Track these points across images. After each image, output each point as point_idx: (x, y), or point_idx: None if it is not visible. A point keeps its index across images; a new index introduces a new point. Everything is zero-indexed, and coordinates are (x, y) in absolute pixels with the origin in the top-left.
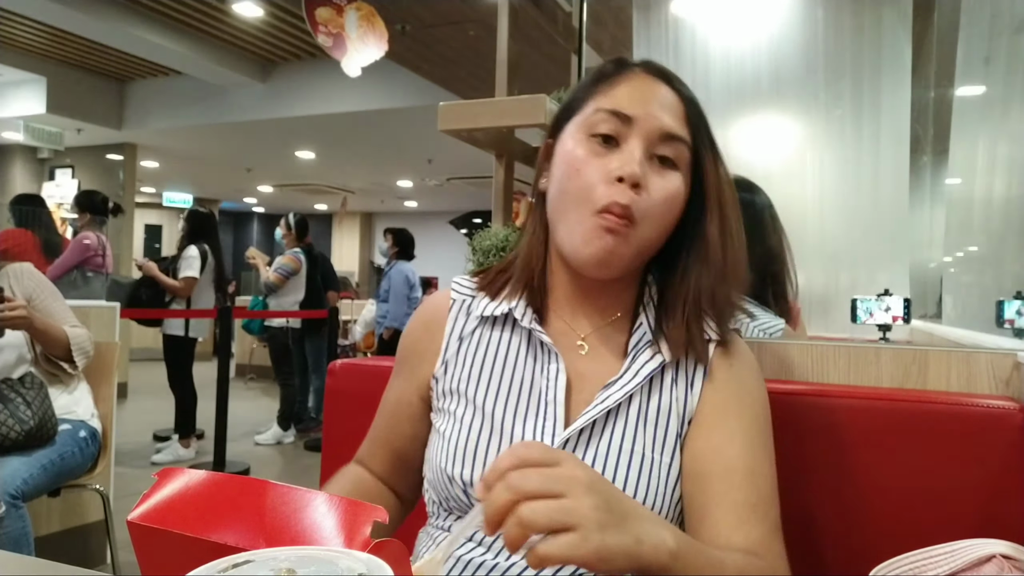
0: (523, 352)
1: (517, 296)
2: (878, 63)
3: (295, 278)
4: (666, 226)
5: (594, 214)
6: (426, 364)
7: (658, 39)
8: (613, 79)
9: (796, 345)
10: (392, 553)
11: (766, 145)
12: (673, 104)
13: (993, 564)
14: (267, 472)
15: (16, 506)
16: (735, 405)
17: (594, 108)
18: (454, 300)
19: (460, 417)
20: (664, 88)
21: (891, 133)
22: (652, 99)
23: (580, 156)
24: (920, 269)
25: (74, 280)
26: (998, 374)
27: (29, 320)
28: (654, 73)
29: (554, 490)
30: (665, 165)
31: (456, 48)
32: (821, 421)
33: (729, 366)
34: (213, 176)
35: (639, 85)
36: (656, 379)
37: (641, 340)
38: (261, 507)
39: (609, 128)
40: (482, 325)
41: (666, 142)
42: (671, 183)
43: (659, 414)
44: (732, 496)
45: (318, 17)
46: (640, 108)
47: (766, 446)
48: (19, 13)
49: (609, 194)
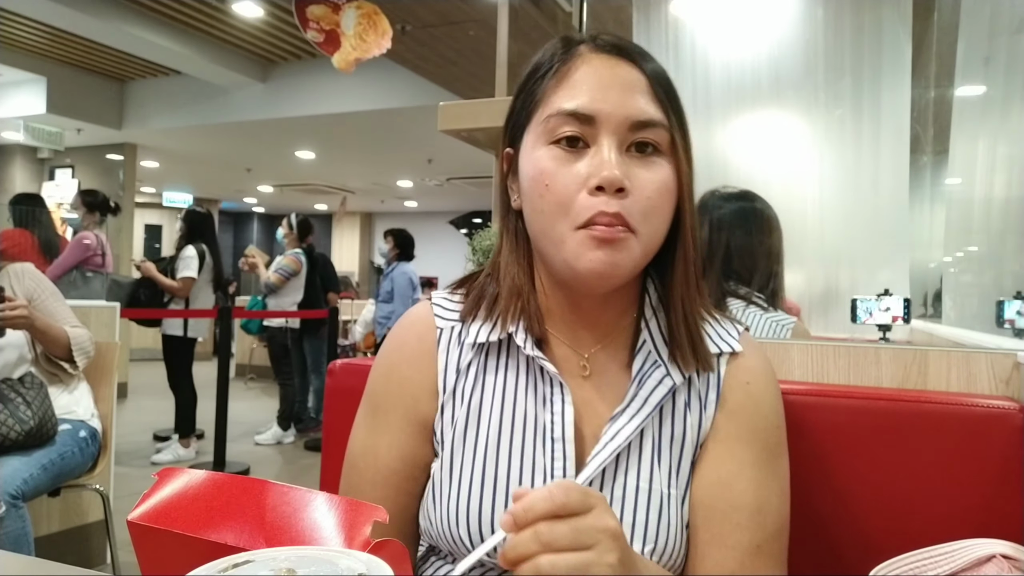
0: (523, 382)
1: (512, 319)
2: (878, 63)
3: (295, 279)
4: (667, 220)
5: (577, 229)
6: (425, 407)
7: (658, 39)
8: (562, 69)
9: (796, 345)
10: (392, 553)
11: (766, 145)
12: (637, 82)
13: (993, 564)
14: (267, 472)
15: (16, 506)
16: (747, 433)
17: (548, 111)
18: (441, 329)
19: (461, 469)
20: (624, 66)
21: (891, 133)
22: (612, 84)
23: (546, 169)
24: (920, 269)
25: (74, 280)
26: (998, 374)
27: (30, 320)
28: (608, 50)
29: (583, 544)
30: (646, 153)
31: (456, 48)
32: (821, 421)
33: (745, 384)
34: (213, 176)
35: (594, 70)
36: (668, 405)
37: (647, 361)
38: (261, 507)
39: (572, 130)
40: (477, 355)
41: (640, 130)
42: (660, 172)
43: (673, 444)
44: (736, 537)
45: (310, 14)
46: (601, 101)
47: (777, 475)
48: (19, 13)
49: (591, 205)
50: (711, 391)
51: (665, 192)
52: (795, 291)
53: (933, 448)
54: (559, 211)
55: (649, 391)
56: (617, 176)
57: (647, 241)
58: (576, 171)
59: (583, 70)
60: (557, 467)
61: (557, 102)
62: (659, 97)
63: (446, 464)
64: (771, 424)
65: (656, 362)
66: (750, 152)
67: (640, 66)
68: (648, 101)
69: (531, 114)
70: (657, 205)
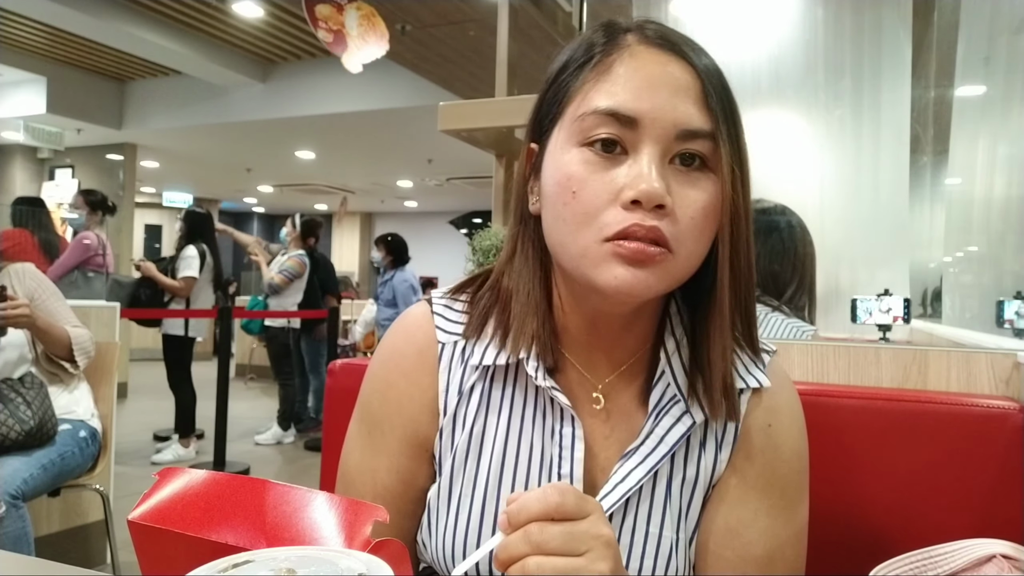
0: (531, 412)
1: (523, 342)
2: (878, 63)
3: (299, 281)
4: (708, 243)
5: (604, 241)
6: (423, 427)
7: None
8: (604, 60)
9: (796, 345)
10: (392, 553)
11: (766, 145)
12: (690, 84)
13: (993, 564)
14: (267, 472)
15: (16, 506)
16: (765, 479)
17: (585, 108)
18: (443, 343)
19: (460, 499)
20: (676, 62)
21: (891, 133)
22: (661, 84)
23: (575, 174)
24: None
25: (75, 280)
26: (998, 374)
27: (32, 319)
28: (659, 43)
29: (575, 549)
30: (692, 167)
31: (456, 48)
32: (821, 421)
33: (767, 426)
34: (213, 176)
35: (641, 65)
36: (682, 445)
37: (665, 395)
38: (261, 507)
39: (609, 132)
40: (482, 378)
41: (688, 140)
42: (706, 190)
43: (684, 486)
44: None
45: (318, 13)
46: (647, 100)
47: (794, 525)
48: (19, 13)
49: (624, 218)
50: (728, 431)
51: (711, 214)
52: None
53: (933, 448)
54: (584, 222)
55: (666, 429)
56: (657, 190)
57: (683, 266)
58: (610, 180)
59: (629, 64)
60: None
61: (595, 98)
62: (713, 102)
63: (444, 490)
64: (792, 470)
65: (675, 397)
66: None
67: (694, 64)
68: (701, 107)
69: (563, 108)
70: (701, 227)
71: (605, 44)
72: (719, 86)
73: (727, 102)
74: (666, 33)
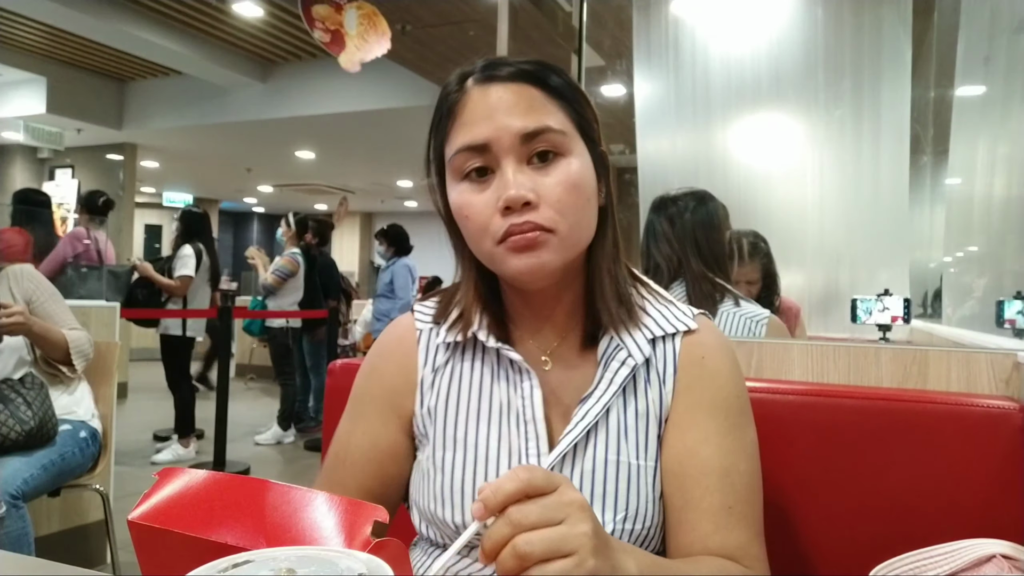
0: (495, 375)
1: (477, 320)
2: (878, 63)
3: (293, 279)
4: (586, 211)
5: (498, 244)
6: (404, 399)
7: (658, 39)
8: (455, 108)
9: (796, 345)
10: (392, 553)
11: (766, 145)
12: (516, 97)
13: (993, 564)
14: (267, 472)
15: (16, 506)
16: (707, 404)
17: (452, 150)
18: (420, 330)
19: (443, 455)
20: (501, 87)
21: (891, 133)
22: (496, 108)
23: (463, 203)
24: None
25: (71, 278)
26: (998, 374)
27: (27, 325)
28: (485, 79)
29: (553, 519)
30: (548, 160)
31: (456, 48)
32: (821, 421)
33: (701, 359)
34: (213, 176)
35: (478, 101)
36: (630, 385)
37: (609, 346)
38: (261, 507)
39: (476, 163)
40: (452, 354)
41: (532, 140)
42: (564, 171)
43: (638, 419)
44: (708, 500)
45: (315, 14)
46: (488, 126)
47: (743, 442)
48: (19, 13)
49: (504, 223)
50: (668, 367)
51: (574, 188)
52: (795, 291)
53: (933, 448)
54: (481, 235)
55: (614, 372)
56: (519, 194)
57: (569, 235)
58: (487, 198)
59: (470, 105)
60: (530, 447)
61: (456, 140)
62: (548, 101)
63: (429, 453)
64: (730, 394)
65: (618, 345)
66: (750, 152)
67: (516, 79)
68: (532, 110)
69: (442, 153)
70: (569, 204)
71: (454, 94)
72: (547, 78)
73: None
74: (492, 66)
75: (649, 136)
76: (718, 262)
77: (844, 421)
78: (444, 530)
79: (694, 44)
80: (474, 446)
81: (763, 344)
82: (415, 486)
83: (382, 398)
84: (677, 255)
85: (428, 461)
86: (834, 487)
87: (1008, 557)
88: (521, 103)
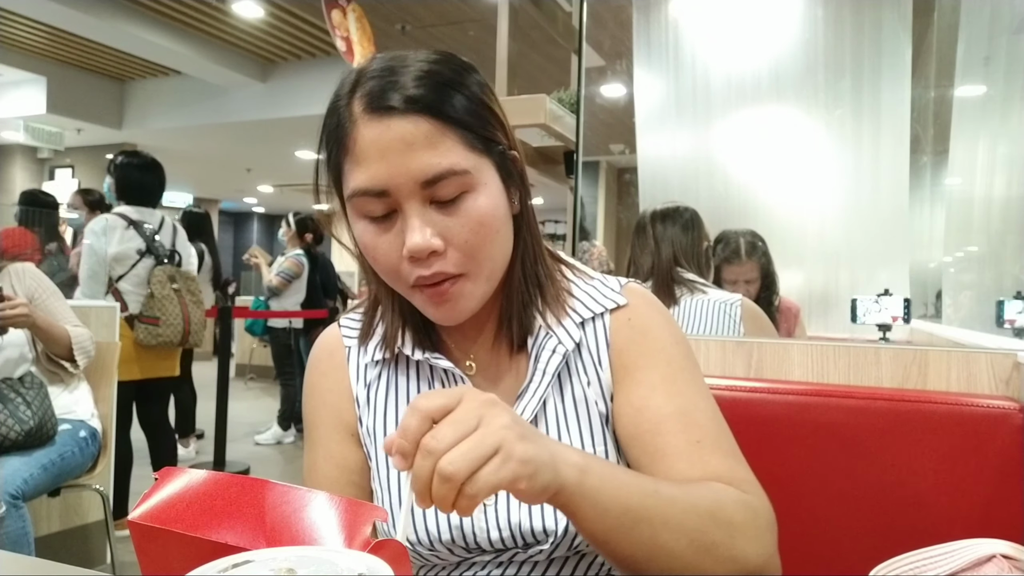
0: (425, 385)
1: (401, 336)
2: (878, 63)
3: (297, 281)
4: (498, 242)
5: (411, 288)
6: (348, 414)
7: (658, 39)
8: (346, 141)
9: (796, 345)
10: (392, 553)
11: (766, 145)
12: (411, 134)
13: (993, 564)
14: (267, 472)
15: (16, 506)
16: (644, 359)
17: (349, 191)
18: (349, 347)
19: (387, 474)
20: (390, 122)
21: (891, 133)
22: (387, 151)
23: (368, 243)
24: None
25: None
26: (998, 374)
27: (31, 319)
28: (374, 109)
29: (468, 430)
30: (453, 201)
31: (456, 48)
32: (821, 421)
33: (627, 322)
34: (213, 176)
35: (369, 139)
36: (564, 373)
37: (539, 337)
38: (261, 507)
39: (375, 208)
40: (384, 368)
41: (433, 185)
42: (469, 212)
43: (576, 405)
44: (672, 443)
45: (333, 20)
46: (383, 171)
47: (693, 383)
48: (19, 13)
49: (411, 270)
50: (601, 345)
51: (482, 228)
52: (795, 291)
53: (933, 448)
54: (392, 277)
55: (545, 363)
56: (420, 245)
57: (483, 272)
58: (391, 242)
59: (361, 142)
60: None
61: (351, 180)
62: (443, 134)
63: (375, 473)
64: (666, 343)
65: (547, 334)
66: (750, 152)
67: (410, 111)
68: (431, 150)
69: (340, 185)
70: (479, 243)
71: (344, 121)
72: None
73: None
74: (381, 94)
75: (649, 136)
76: (688, 259)
77: (844, 421)
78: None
79: (694, 44)
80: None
81: (763, 344)
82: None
83: (330, 417)
84: (652, 259)
85: (375, 481)
86: (834, 487)
87: (1008, 557)
88: (417, 142)
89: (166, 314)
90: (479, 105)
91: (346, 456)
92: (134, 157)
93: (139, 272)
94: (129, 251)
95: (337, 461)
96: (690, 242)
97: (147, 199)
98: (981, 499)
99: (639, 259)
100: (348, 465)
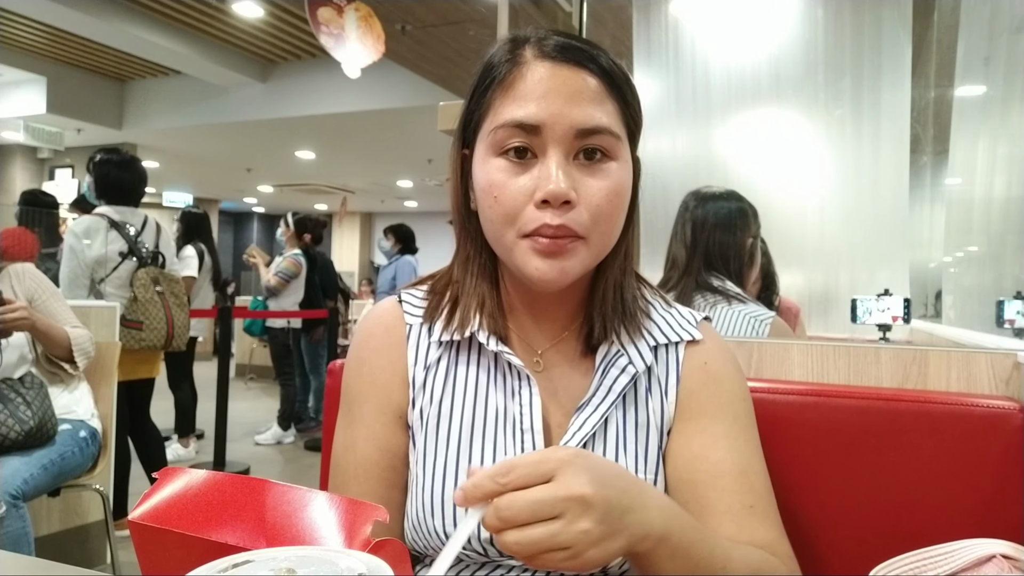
0: (491, 376)
1: (475, 317)
2: (878, 63)
3: (295, 281)
4: (619, 223)
5: (522, 237)
6: (399, 395)
7: (658, 39)
8: (508, 77)
9: (796, 345)
10: (392, 553)
11: (766, 145)
12: (584, 87)
13: (993, 564)
14: (267, 472)
15: (16, 506)
16: (713, 407)
17: (496, 123)
18: (410, 324)
19: (433, 461)
20: (569, 70)
21: (891, 133)
22: (558, 92)
23: (495, 180)
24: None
25: None
26: (998, 374)
27: (31, 321)
28: (553, 56)
29: (543, 516)
30: (595, 159)
31: (456, 48)
32: (821, 421)
33: (703, 365)
34: (213, 176)
35: (539, 78)
36: (630, 393)
37: (609, 352)
38: (261, 507)
39: (519, 142)
40: (446, 351)
41: (585, 137)
42: (609, 178)
43: (638, 431)
44: (726, 502)
45: (320, 17)
46: (546, 109)
47: (752, 443)
48: (19, 13)
49: (537, 217)
50: (671, 376)
51: (615, 197)
52: (795, 291)
53: (933, 448)
54: (507, 221)
55: (612, 380)
56: (562, 190)
57: (598, 245)
58: (523, 183)
59: (528, 78)
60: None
61: (504, 113)
62: (608, 98)
63: (420, 458)
64: (736, 397)
65: (619, 352)
66: (750, 152)
67: (588, 67)
68: (596, 106)
69: (482, 122)
70: (607, 212)
71: (509, 61)
72: (616, 80)
73: (625, 94)
74: (562, 44)
75: (649, 136)
76: (726, 264)
77: (844, 421)
78: (430, 541)
79: (694, 44)
80: (467, 454)
81: (763, 344)
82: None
83: (377, 397)
84: (688, 254)
85: (418, 466)
86: (834, 487)
87: (1008, 557)
88: (584, 93)
89: (149, 318)
90: (639, 106)
91: (389, 439)
92: (112, 154)
93: (121, 274)
94: (111, 253)
95: (380, 443)
96: (731, 241)
97: (127, 197)
98: (981, 499)
99: (672, 245)
100: (391, 448)
